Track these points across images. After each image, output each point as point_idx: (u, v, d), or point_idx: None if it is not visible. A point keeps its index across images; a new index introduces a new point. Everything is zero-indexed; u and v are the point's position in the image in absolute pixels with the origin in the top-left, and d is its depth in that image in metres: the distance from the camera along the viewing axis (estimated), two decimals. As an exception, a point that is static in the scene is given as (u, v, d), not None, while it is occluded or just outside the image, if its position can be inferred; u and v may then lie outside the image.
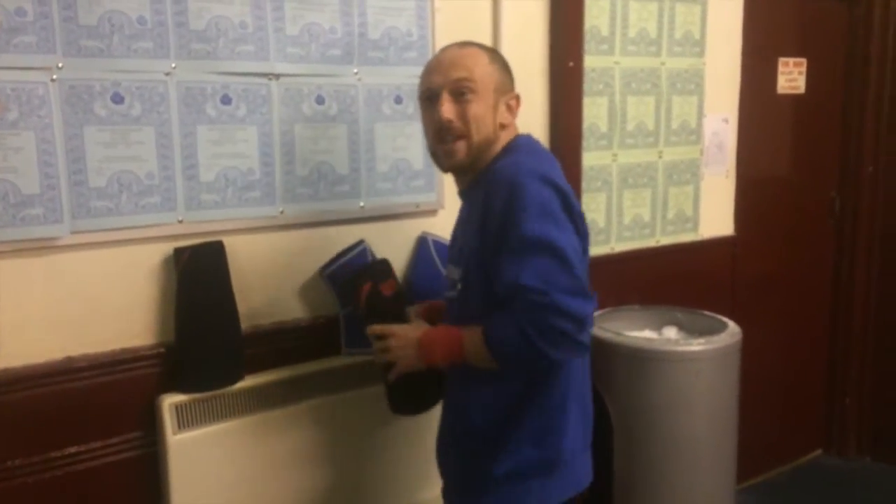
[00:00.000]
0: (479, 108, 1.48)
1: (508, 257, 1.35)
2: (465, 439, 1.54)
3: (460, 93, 1.47)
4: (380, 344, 1.55)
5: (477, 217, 1.44)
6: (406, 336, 1.52)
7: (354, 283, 1.69)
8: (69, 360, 1.65)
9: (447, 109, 1.47)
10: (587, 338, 1.36)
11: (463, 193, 1.61)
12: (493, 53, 1.55)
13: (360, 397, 1.93)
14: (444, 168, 1.57)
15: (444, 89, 1.48)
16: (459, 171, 1.56)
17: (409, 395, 1.64)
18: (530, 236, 1.33)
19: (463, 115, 1.47)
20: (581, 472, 1.55)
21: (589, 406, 1.60)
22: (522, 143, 1.54)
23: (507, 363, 1.40)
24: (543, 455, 1.47)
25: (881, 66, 3.28)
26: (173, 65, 1.69)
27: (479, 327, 1.41)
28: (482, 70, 1.49)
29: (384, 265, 1.77)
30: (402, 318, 1.67)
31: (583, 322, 1.33)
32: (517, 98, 1.55)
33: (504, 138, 1.53)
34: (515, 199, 1.35)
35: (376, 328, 1.57)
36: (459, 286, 1.51)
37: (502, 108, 1.51)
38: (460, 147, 1.49)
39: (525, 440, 1.46)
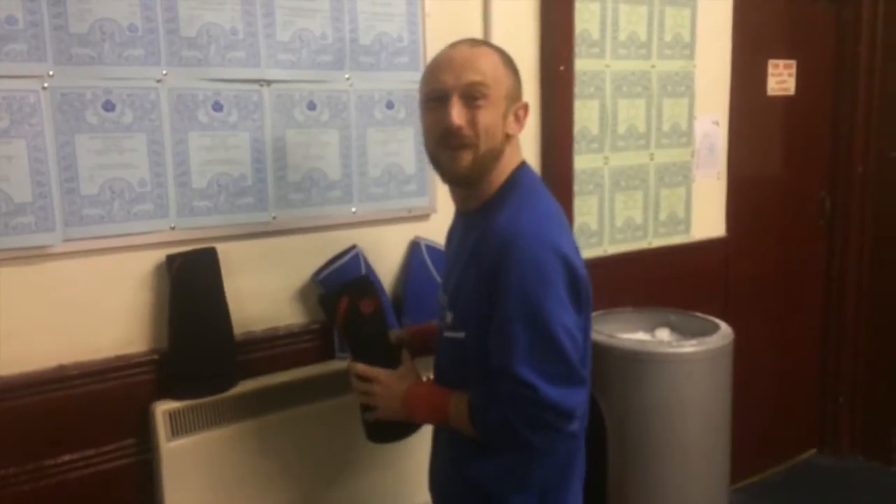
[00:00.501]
0: (490, 117, 1.36)
1: (500, 330, 1.28)
2: (467, 489, 1.44)
3: (473, 97, 1.35)
4: (362, 386, 1.50)
5: (474, 269, 1.35)
6: (391, 387, 1.47)
7: (332, 299, 1.61)
8: (62, 367, 1.65)
9: (458, 115, 1.34)
10: (576, 425, 1.32)
11: (462, 216, 1.51)
12: (506, 56, 1.42)
13: (354, 403, 1.92)
14: (447, 177, 1.44)
15: (455, 92, 1.35)
16: (461, 183, 1.43)
17: (388, 430, 1.59)
18: (524, 313, 1.26)
19: (473, 123, 1.35)
20: None
21: (579, 446, 1.49)
22: (525, 183, 1.41)
23: (490, 441, 1.36)
24: None
25: (870, 68, 3.30)
26: (164, 72, 1.69)
27: (464, 397, 1.36)
28: (496, 74, 1.37)
29: (364, 281, 1.65)
30: (380, 338, 1.58)
31: (570, 414, 1.28)
32: (526, 107, 1.43)
33: (509, 159, 1.41)
34: (515, 266, 1.27)
35: (360, 369, 1.50)
36: (453, 330, 1.42)
37: (511, 117, 1.39)
38: (466, 156, 1.36)
39: (529, 500, 1.39)
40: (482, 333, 1.33)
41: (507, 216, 1.33)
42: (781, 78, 3.17)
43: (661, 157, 2.73)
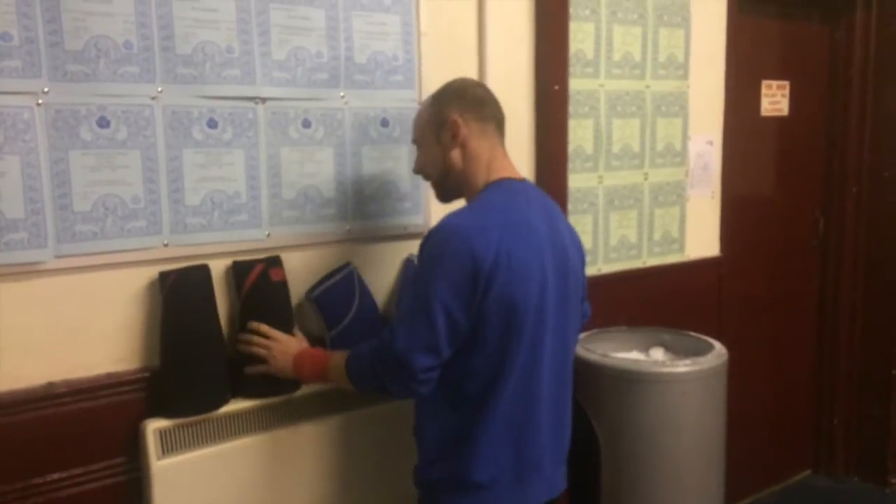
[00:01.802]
0: (422, 154, 1.71)
1: (401, 292, 1.61)
2: (416, 443, 1.69)
3: (416, 145, 1.75)
4: (257, 339, 1.75)
5: None
6: (287, 348, 1.74)
7: (247, 265, 1.80)
8: (51, 385, 1.63)
9: (414, 165, 1.77)
10: (420, 387, 1.51)
11: None
12: (439, 92, 1.69)
13: (347, 421, 1.92)
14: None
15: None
16: (447, 201, 1.76)
17: (267, 385, 1.81)
18: (416, 282, 1.52)
19: (420, 165, 1.74)
20: (505, 501, 1.59)
21: (536, 441, 1.61)
22: (488, 192, 1.60)
23: (359, 388, 1.62)
24: (450, 474, 1.58)
25: (863, 88, 3.33)
26: (159, 89, 1.70)
27: (344, 353, 1.63)
28: (420, 121, 1.71)
29: (277, 259, 1.85)
30: (282, 306, 1.83)
31: (411, 370, 1.47)
32: (451, 123, 1.62)
33: (477, 175, 1.63)
34: (425, 245, 1.53)
35: (262, 327, 1.76)
36: None
37: (446, 137, 1.63)
38: (433, 186, 1.74)
39: (434, 456, 1.61)
40: None
41: (450, 216, 1.56)
42: (775, 98, 3.20)
43: (655, 176, 2.74)
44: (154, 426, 1.67)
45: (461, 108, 1.62)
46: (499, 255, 1.47)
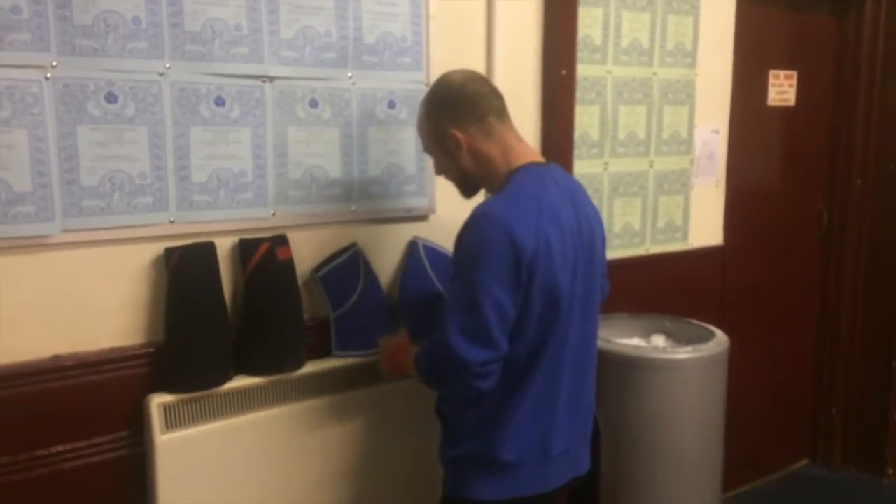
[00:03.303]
0: (437, 163, 1.73)
1: (449, 286, 1.58)
2: (440, 421, 1.71)
3: (428, 152, 1.75)
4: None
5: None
6: (382, 351, 1.88)
7: (254, 243, 1.81)
8: (57, 358, 1.65)
9: (434, 168, 1.78)
10: (481, 382, 1.50)
11: None
12: (428, 104, 1.68)
13: (349, 399, 1.93)
14: None
15: None
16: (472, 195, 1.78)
17: (269, 360, 1.86)
18: (463, 276, 1.50)
19: (437, 168, 1.76)
20: (531, 479, 1.62)
21: (559, 421, 1.63)
22: (516, 179, 1.59)
23: (428, 385, 1.64)
24: (481, 452, 1.60)
25: (870, 80, 3.31)
26: (168, 65, 1.70)
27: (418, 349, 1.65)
28: (424, 134, 1.71)
29: (283, 237, 1.86)
30: (288, 285, 1.86)
31: (470, 367, 1.47)
32: (452, 136, 1.61)
33: (502, 166, 1.62)
34: (466, 236, 1.53)
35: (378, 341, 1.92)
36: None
37: (452, 149, 1.63)
38: (457, 187, 1.75)
39: (466, 432, 1.62)
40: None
41: (484, 203, 1.58)
42: (782, 88, 3.19)
43: (660, 164, 2.74)
44: (158, 401, 1.69)
45: (455, 119, 1.62)
46: (538, 241, 1.48)
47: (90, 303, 1.68)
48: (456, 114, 1.62)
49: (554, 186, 1.59)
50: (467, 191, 1.74)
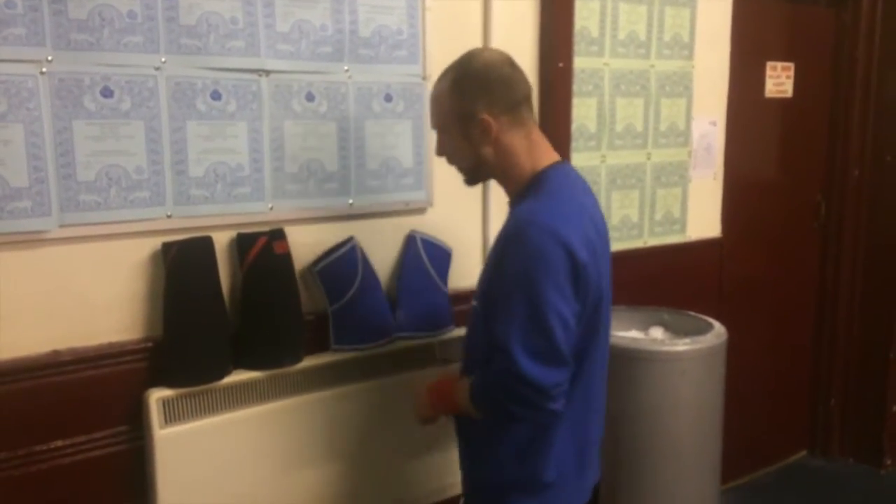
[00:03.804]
0: (448, 144, 1.56)
1: (503, 307, 1.40)
2: (470, 444, 1.61)
3: (438, 130, 1.58)
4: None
5: (494, 249, 1.50)
6: (419, 392, 1.69)
7: (251, 237, 1.80)
8: (56, 353, 1.64)
9: (436, 146, 1.60)
10: (558, 404, 1.40)
11: (509, 205, 1.58)
12: (458, 79, 1.51)
13: (347, 393, 1.93)
14: None
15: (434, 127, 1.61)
16: (475, 184, 1.66)
17: (267, 354, 1.84)
18: (524, 293, 1.37)
19: (444, 152, 1.59)
20: (572, 494, 1.56)
21: (592, 431, 1.58)
22: (551, 179, 1.48)
23: (487, 417, 1.50)
24: (524, 476, 1.51)
25: (867, 72, 3.31)
26: (163, 59, 1.69)
27: (468, 381, 1.50)
28: (441, 107, 1.54)
29: (281, 232, 1.85)
30: (286, 279, 1.84)
31: (547, 391, 1.37)
32: (482, 123, 1.47)
33: (525, 161, 1.50)
34: (518, 249, 1.39)
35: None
36: (475, 300, 1.56)
37: (475, 133, 1.49)
38: (461, 172, 1.60)
39: (508, 457, 1.51)
40: (486, 305, 1.48)
41: (527, 207, 1.44)
42: (779, 80, 3.18)
43: (658, 156, 2.74)
44: (157, 395, 1.69)
45: (489, 102, 1.47)
46: (587, 248, 1.40)
47: (88, 298, 1.68)
48: (490, 97, 1.48)
49: (581, 188, 1.53)
50: (474, 180, 1.61)
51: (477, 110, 1.48)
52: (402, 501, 2.05)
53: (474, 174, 1.59)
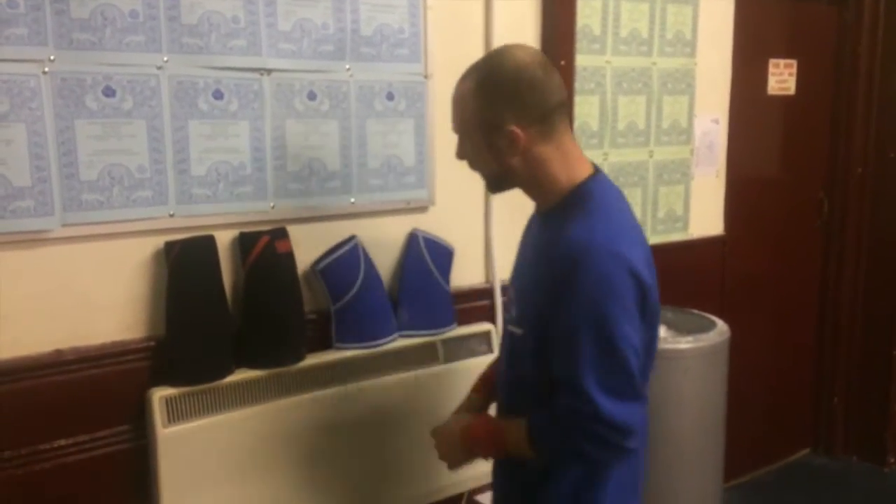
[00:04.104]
0: (470, 150, 1.41)
1: (567, 340, 1.27)
2: (521, 488, 1.47)
3: (459, 133, 1.43)
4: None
5: (541, 271, 1.34)
6: (449, 437, 1.49)
7: (253, 236, 1.79)
8: (59, 352, 1.65)
9: (457, 148, 1.44)
10: (633, 443, 1.29)
11: (540, 215, 1.46)
12: (483, 83, 1.35)
13: (350, 392, 1.93)
14: None
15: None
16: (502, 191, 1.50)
17: (270, 353, 1.82)
18: (592, 325, 1.25)
19: (465, 157, 1.44)
20: None
21: (646, 461, 1.50)
22: (594, 193, 1.36)
23: (552, 460, 1.37)
24: None
25: (870, 68, 3.30)
26: (165, 59, 1.69)
27: (522, 422, 1.35)
28: (468, 112, 1.38)
29: (283, 230, 1.84)
30: (288, 278, 1.83)
31: (626, 430, 1.27)
32: (510, 135, 1.32)
33: (558, 171, 1.36)
34: (581, 277, 1.25)
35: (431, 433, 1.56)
36: (515, 325, 1.42)
37: (501, 144, 1.34)
38: (484, 179, 1.46)
39: (564, 497, 1.39)
40: (538, 335, 1.34)
41: (580, 227, 1.30)
42: (782, 77, 3.18)
43: (660, 154, 2.73)
44: (160, 394, 1.69)
45: (518, 113, 1.32)
46: (647, 266, 1.32)
47: (91, 297, 1.68)
48: (521, 106, 1.33)
49: (619, 193, 1.43)
50: (498, 188, 1.45)
51: (504, 121, 1.33)
52: (405, 499, 2.05)
53: (499, 183, 1.44)
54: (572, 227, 1.30)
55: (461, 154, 1.44)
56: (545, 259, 1.35)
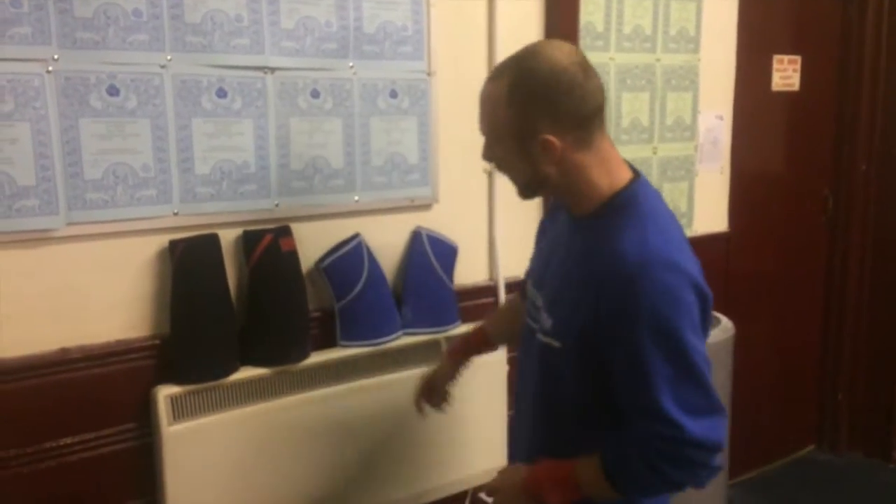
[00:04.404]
0: (503, 157, 1.32)
1: (634, 364, 1.19)
2: None
3: (487, 136, 1.33)
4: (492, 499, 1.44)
5: (585, 283, 1.25)
6: (510, 489, 1.37)
7: (257, 234, 1.79)
8: (64, 351, 1.65)
9: (483, 150, 1.35)
10: (719, 459, 1.24)
11: (570, 216, 1.37)
12: (516, 86, 1.24)
13: (354, 389, 1.94)
14: None
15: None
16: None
17: (275, 351, 1.81)
18: (662, 344, 1.18)
19: (494, 161, 1.35)
20: None
21: None
22: (640, 199, 1.29)
23: (635, 494, 1.29)
24: None
25: (875, 65, 3.29)
26: (169, 57, 1.70)
27: (592, 459, 1.27)
28: (499, 117, 1.27)
29: (287, 228, 1.84)
30: (292, 276, 1.83)
31: (716, 448, 1.21)
32: (545, 143, 1.23)
33: (598, 176, 1.28)
34: (647, 295, 1.17)
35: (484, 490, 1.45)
36: (550, 337, 1.33)
37: (535, 152, 1.25)
38: (515, 185, 1.36)
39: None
40: (581, 350, 1.27)
41: (632, 239, 1.21)
42: (786, 73, 3.17)
43: (664, 150, 2.73)
44: (165, 392, 1.70)
45: (555, 119, 1.23)
46: (702, 273, 1.25)
47: (96, 295, 1.68)
48: (556, 113, 1.23)
49: (658, 193, 1.36)
50: (531, 195, 1.36)
51: (539, 129, 1.23)
52: (410, 496, 2.06)
53: (533, 191, 1.34)
54: (622, 238, 1.22)
55: (488, 156, 1.35)
56: (586, 269, 1.26)
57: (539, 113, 1.23)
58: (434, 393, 1.76)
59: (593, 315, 1.23)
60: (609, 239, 1.23)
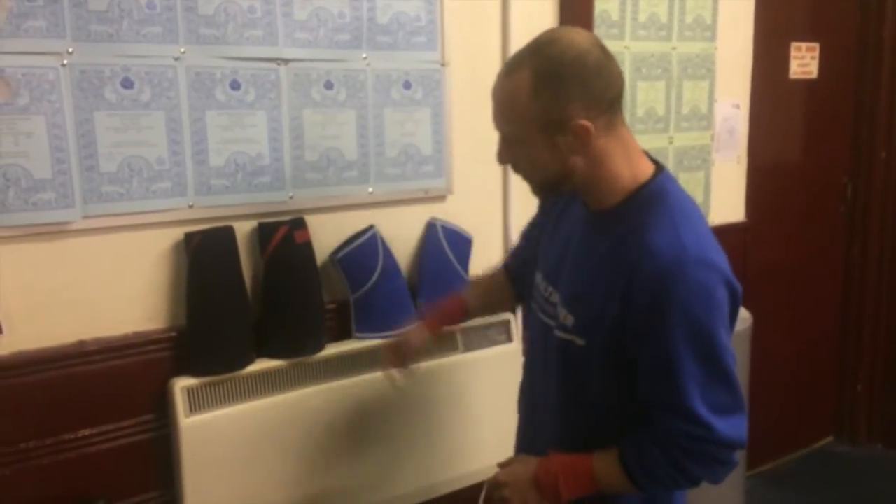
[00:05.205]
0: (522, 154, 1.26)
1: (664, 362, 1.18)
2: None
3: (505, 136, 1.28)
4: (497, 493, 1.37)
5: (611, 279, 1.21)
6: (520, 480, 1.33)
7: (272, 226, 1.78)
8: (81, 343, 1.66)
9: (499, 153, 1.30)
10: (738, 456, 1.26)
11: (587, 210, 1.32)
12: (543, 73, 1.18)
13: (370, 381, 1.94)
14: None
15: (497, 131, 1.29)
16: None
17: (290, 343, 1.80)
18: (694, 344, 1.17)
19: (514, 162, 1.29)
20: None
21: None
22: (669, 192, 1.26)
23: (655, 490, 1.28)
24: None
25: (894, 51, 3.24)
26: (182, 50, 1.70)
27: (610, 455, 1.26)
28: (525, 112, 1.20)
29: (301, 220, 1.84)
30: (307, 268, 1.83)
31: (739, 446, 1.22)
32: (579, 128, 1.18)
33: (620, 168, 1.24)
34: (681, 294, 1.15)
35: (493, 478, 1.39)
36: (571, 334, 1.29)
37: (567, 141, 1.20)
38: (530, 186, 1.31)
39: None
40: (607, 349, 1.24)
41: (665, 236, 1.18)
42: (804, 61, 3.13)
43: (680, 140, 2.70)
44: (182, 384, 1.70)
45: (587, 101, 1.18)
46: (732, 273, 1.22)
47: (112, 288, 1.69)
48: (589, 96, 1.18)
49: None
50: (553, 192, 1.33)
51: (572, 114, 1.17)
52: (424, 488, 2.06)
53: (555, 188, 1.29)
54: (653, 235, 1.18)
55: (504, 158, 1.30)
56: (614, 266, 1.22)
57: (571, 97, 1.18)
58: (402, 358, 1.69)
59: (622, 313, 1.20)
60: (639, 235, 1.20)
